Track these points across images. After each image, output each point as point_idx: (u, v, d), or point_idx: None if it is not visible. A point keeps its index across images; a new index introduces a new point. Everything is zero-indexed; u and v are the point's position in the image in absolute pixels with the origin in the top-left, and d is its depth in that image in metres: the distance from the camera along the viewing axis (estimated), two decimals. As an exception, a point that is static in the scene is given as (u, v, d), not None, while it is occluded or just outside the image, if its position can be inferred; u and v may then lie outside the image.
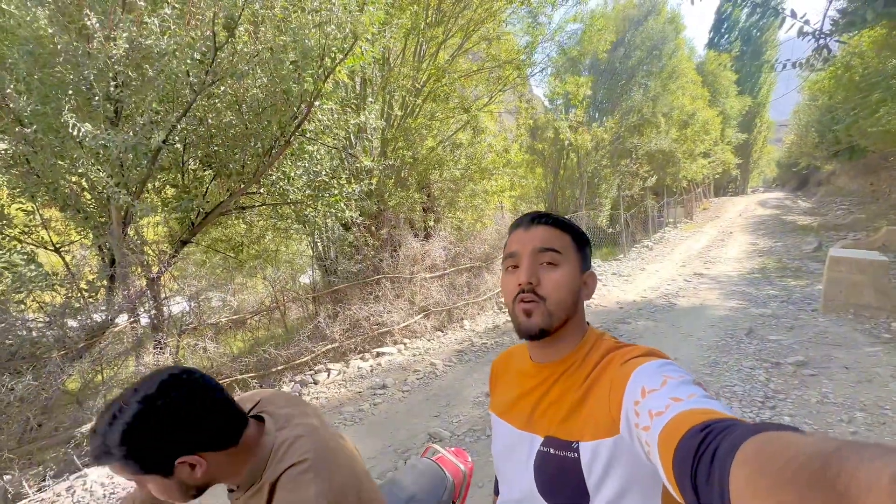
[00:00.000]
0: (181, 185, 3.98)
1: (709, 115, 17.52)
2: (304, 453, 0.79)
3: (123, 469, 0.72)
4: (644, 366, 0.63)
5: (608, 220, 14.75)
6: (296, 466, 0.77)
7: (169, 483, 0.74)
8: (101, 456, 0.71)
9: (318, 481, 0.76)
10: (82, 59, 2.88)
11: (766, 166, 38.48)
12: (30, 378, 2.94)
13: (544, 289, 0.74)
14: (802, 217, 15.30)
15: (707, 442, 0.42)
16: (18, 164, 3.24)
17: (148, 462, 0.72)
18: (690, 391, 0.54)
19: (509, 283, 0.77)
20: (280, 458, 0.79)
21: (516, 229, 0.81)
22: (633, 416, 0.59)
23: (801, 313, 5.30)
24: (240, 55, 3.26)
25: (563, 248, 0.76)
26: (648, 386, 0.59)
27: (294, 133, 3.62)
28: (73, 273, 3.61)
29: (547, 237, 0.76)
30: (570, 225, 0.80)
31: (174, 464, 0.73)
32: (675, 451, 0.46)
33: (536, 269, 0.75)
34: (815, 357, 3.97)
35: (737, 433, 0.39)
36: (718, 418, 0.46)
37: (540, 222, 0.78)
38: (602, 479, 0.66)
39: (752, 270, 8.25)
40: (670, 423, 0.49)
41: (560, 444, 0.70)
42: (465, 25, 6.58)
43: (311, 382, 4.43)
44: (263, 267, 5.47)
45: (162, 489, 0.75)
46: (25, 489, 2.85)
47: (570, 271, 0.75)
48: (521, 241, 0.77)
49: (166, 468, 0.73)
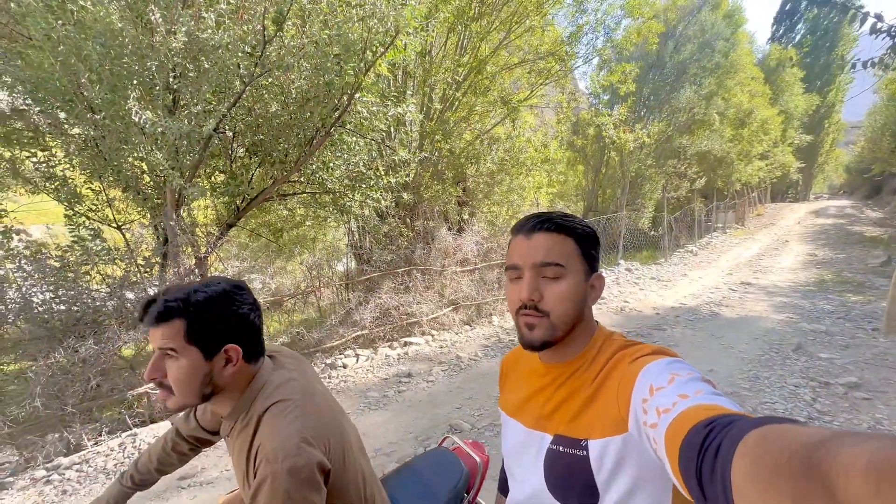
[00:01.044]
0: (229, 172, 4.21)
1: (768, 113, 16.32)
2: (291, 393, 0.86)
3: (174, 334, 0.77)
4: (652, 364, 0.63)
5: (650, 222, 14.16)
6: (282, 402, 0.83)
7: (201, 367, 0.80)
8: (162, 315, 0.77)
9: (302, 418, 0.81)
10: (146, 52, 3.11)
11: (832, 171, 35.41)
12: (91, 342, 3.25)
13: (547, 304, 0.73)
14: (871, 228, 14.02)
15: (711, 437, 0.42)
16: (89, 148, 3.56)
17: (204, 333, 0.79)
18: (698, 388, 0.54)
19: (512, 294, 0.76)
20: (269, 395, 0.85)
21: (517, 235, 0.78)
22: (642, 413, 0.59)
23: (858, 331, 4.90)
24: (287, 48, 3.39)
25: (566, 259, 0.73)
26: (656, 384, 0.59)
27: (334, 124, 3.74)
28: (131, 249, 3.92)
29: (549, 248, 0.73)
30: (573, 227, 0.76)
31: (220, 348, 0.81)
32: (680, 447, 0.46)
33: (538, 283, 0.73)
34: (870, 380, 3.67)
35: (739, 428, 0.40)
36: (723, 414, 0.46)
37: (541, 228, 0.75)
38: (612, 477, 0.66)
39: (808, 283, 7.68)
40: (676, 420, 0.50)
41: (569, 441, 0.71)
42: (508, 19, 6.49)
43: (341, 366, 4.59)
44: (301, 252, 5.70)
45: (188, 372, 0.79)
46: (84, 441, 3.16)
47: (574, 282, 0.74)
48: (521, 252, 0.75)
49: (213, 348, 0.81)
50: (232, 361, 0.83)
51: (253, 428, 0.81)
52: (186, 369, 0.78)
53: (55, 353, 3.13)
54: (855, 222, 15.89)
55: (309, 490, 0.76)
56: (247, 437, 0.81)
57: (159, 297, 0.78)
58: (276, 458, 0.74)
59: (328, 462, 0.81)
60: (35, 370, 3.11)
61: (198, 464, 2.91)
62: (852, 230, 13.90)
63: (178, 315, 0.77)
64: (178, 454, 1.08)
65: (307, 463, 0.76)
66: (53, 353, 3.14)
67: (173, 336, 0.77)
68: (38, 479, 2.80)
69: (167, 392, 0.79)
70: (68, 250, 3.60)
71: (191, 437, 1.07)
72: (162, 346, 0.77)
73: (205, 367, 0.80)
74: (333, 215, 5.37)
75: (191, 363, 0.78)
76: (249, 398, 0.85)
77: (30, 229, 3.80)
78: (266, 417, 0.81)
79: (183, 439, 1.07)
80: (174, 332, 0.77)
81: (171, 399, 0.80)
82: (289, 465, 0.74)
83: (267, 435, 0.78)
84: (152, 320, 0.77)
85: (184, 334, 0.78)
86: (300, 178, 4.32)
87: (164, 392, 0.80)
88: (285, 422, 0.80)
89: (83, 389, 3.27)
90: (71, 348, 3.20)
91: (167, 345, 0.77)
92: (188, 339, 0.78)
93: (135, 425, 3.38)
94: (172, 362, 0.78)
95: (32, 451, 3.03)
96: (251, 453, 0.79)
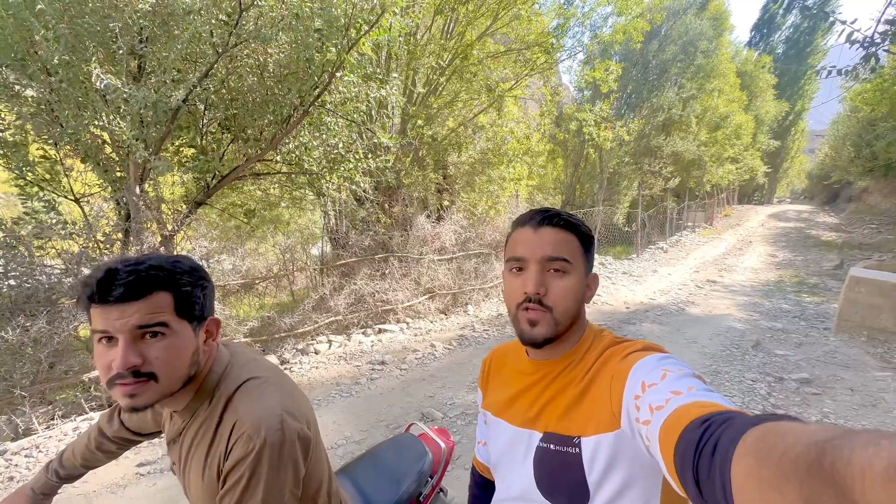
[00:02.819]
0: (199, 147, 4.00)
1: (743, 119, 16.88)
2: (262, 371, 0.81)
3: (161, 307, 0.67)
4: (643, 360, 0.63)
5: (625, 218, 14.50)
6: (255, 380, 0.78)
7: (192, 343, 0.72)
8: (144, 287, 0.66)
9: (279, 393, 0.77)
10: (109, 12, 2.88)
11: (795, 176, 37.14)
12: (44, 322, 3.05)
13: (552, 299, 0.72)
14: (827, 232, 14.82)
15: (708, 435, 0.42)
16: (44, 112, 3.29)
17: (192, 306, 0.72)
18: (690, 384, 0.54)
19: (513, 286, 0.75)
20: (236, 375, 0.79)
21: (523, 227, 0.76)
22: (634, 410, 0.58)
23: (812, 330, 5.19)
24: (265, 19, 3.22)
25: (572, 256, 0.73)
26: (648, 380, 0.58)
27: (313, 103, 3.60)
28: (90, 224, 3.69)
29: (557, 243, 0.72)
30: (578, 225, 0.76)
31: (203, 322, 0.75)
32: (676, 445, 0.46)
33: (544, 277, 0.72)
34: (820, 376, 3.89)
35: (737, 425, 0.39)
36: (719, 411, 0.45)
37: (550, 223, 0.74)
38: (604, 475, 0.66)
39: (768, 283, 8.07)
40: (671, 418, 0.49)
41: (560, 439, 0.70)
42: (495, 5, 6.39)
43: (313, 352, 4.52)
44: (275, 234, 5.53)
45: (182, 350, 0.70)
46: (35, 426, 2.99)
47: (578, 279, 0.73)
48: (529, 245, 0.73)
49: (199, 322, 0.74)
50: (213, 336, 0.77)
51: (220, 411, 0.75)
52: (179, 347, 0.69)
53: (2, 332, 2.93)
54: (812, 227, 16.77)
55: (293, 464, 0.72)
56: (212, 423, 0.74)
57: (119, 268, 0.66)
58: (257, 432, 0.69)
59: (310, 434, 0.77)
60: (-21, 349, 2.91)
61: (158, 450, 2.81)
62: (810, 234, 14.67)
63: (162, 286, 0.67)
64: (103, 453, 1.00)
65: (291, 436, 0.72)
66: (1, 332, 2.93)
67: (161, 310, 0.67)
68: (-17, 465, 2.64)
69: (142, 383, 0.66)
70: (19, 223, 3.35)
71: (116, 438, 0.99)
72: (144, 324, 0.65)
73: (194, 343, 0.72)
74: (309, 197, 5.22)
75: (183, 340, 0.70)
76: (213, 381, 0.78)
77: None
78: (238, 396, 0.75)
79: (108, 440, 0.99)
80: (162, 306, 0.67)
81: (146, 391, 0.67)
82: (273, 439, 0.70)
83: (244, 411, 0.72)
84: (126, 294, 0.64)
85: (173, 307, 0.69)
86: (276, 157, 4.15)
87: (137, 384, 0.66)
88: (263, 395, 0.75)
89: (34, 371, 3.09)
90: (21, 327, 3.00)
91: (153, 320, 0.66)
92: (178, 312, 0.69)
93: (91, 409, 3.23)
94: (158, 342, 0.67)
95: (-24, 434, 2.85)
96: (220, 436, 0.73)
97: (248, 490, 0.68)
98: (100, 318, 0.65)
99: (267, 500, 0.69)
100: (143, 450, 2.83)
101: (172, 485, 2.48)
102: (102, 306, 0.65)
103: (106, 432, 0.99)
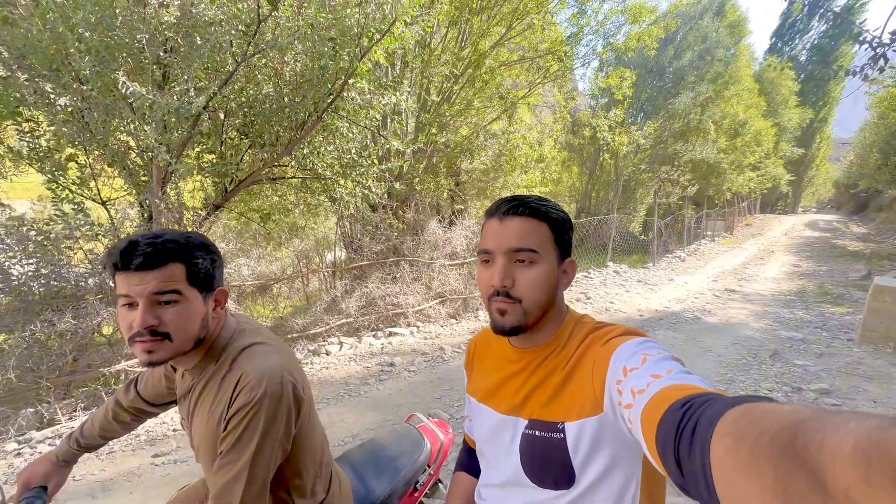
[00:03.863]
0: (219, 152, 4.16)
1: (762, 125, 16.52)
2: (267, 338, 0.89)
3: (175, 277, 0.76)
4: (624, 345, 0.64)
5: (641, 226, 14.30)
6: (260, 344, 0.86)
7: (202, 309, 0.80)
8: (160, 257, 0.74)
9: (280, 355, 0.85)
10: (137, 24, 3.05)
11: (821, 185, 36.00)
12: (69, 317, 3.20)
13: (519, 290, 0.72)
14: (854, 242, 14.29)
15: (687, 417, 0.43)
16: (75, 120, 3.49)
17: (202, 276, 0.80)
18: (669, 367, 0.56)
19: (483, 278, 0.75)
20: (243, 339, 0.87)
21: (490, 219, 0.76)
22: (616, 394, 0.60)
23: (834, 341, 5.01)
24: (282, 29, 3.35)
25: (539, 245, 0.72)
26: (629, 365, 0.60)
27: (326, 109, 3.71)
28: (115, 226, 3.87)
29: (523, 233, 0.72)
30: (547, 211, 0.74)
31: (212, 291, 0.83)
32: (658, 427, 0.47)
33: (511, 269, 0.72)
34: (841, 387, 3.76)
35: (715, 407, 0.40)
36: (698, 393, 0.46)
37: (515, 213, 0.73)
38: (588, 458, 0.67)
39: (789, 292, 7.83)
40: (652, 401, 0.51)
41: (545, 425, 0.72)
42: (509, 14, 6.48)
43: (324, 353, 4.59)
44: (290, 238, 5.67)
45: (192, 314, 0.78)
46: (59, 416, 3.13)
47: (547, 269, 0.73)
48: (495, 237, 0.74)
49: (208, 290, 0.82)
50: (220, 305, 0.86)
51: (227, 367, 0.83)
52: (190, 312, 0.78)
53: (31, 326, 3.09)
54: (840, 236, 16.21)
55: (287, 418, 0.80)
56: (217, 379, 0.83)
57: (139, 240, 0.75)
58: (259, 384, 0.77)
59: (303, 395, 0.85)
60: (10, 342, 3.06)
61: (173, 442, 2.90)
62: (836, 244, 14.17)
63: (176, 258, 0.76)
64: (119, 423, 1.08)
65: (288, 391, 0.80)
66: (30, 326, 3.09)
67: (174, 279, 0.76)
68: (9, 452, 2.77)
69: (158, 341, 0.75)
70: (50, 224, 3.54)
71: (131, 408, 1.07)
72: (160, 290, 0.74)
73: (204, 309, 0.81)
74: (325, 203, 5.34)
75: (194, 306, 0.79)
76: (221, 344, 0.87)
77: (15, 204, 3.74)
78: (243, 356, 0.84)
79: (124, 409, 1.07)
80: (175, 275, 0.76)
81: (161, 349, 0.76)
82: (273, 391, 0.77)
83: (249, 367, 0.80)
84: (145, 264, 0.73)
85: (185, 277, 0.77)
86: (291, 161, 4.28)
87: (154, 342, 0.75)
88: (266, 355, 0.84)
89: (59, 364, 3.23)
90: (48, 322, 3.16)
91: (168, 287, 0.75)
92: (190, 281, 0.78)
93: (111, 402, 3.35)
94: (172, 307, 0.76)
95: (5, 423, 2.99)
96: (224, 389, 0.81)
97: (244, 434, 0.76)
98: (123, 284, 0.75)
99: (261, 445, 0.76)
100: (159, 441, 2.92)
101: (185, 474, 2.56)
102: (125, 273, 0.74)
103: (122, 403, 1.07)
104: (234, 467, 0.75)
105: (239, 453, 0.76)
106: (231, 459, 0.76)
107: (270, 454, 0.78)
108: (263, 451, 0.76)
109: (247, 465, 0.75)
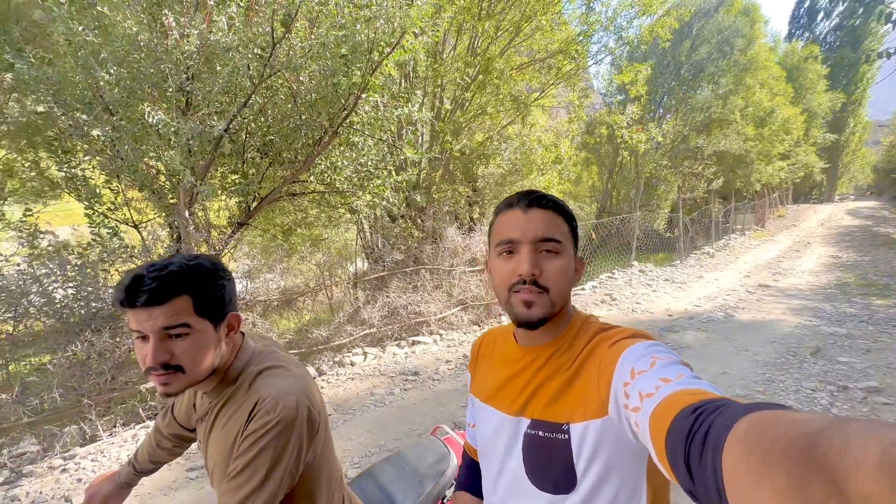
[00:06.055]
0: (241, 172, 4.31)
1: (790, 112, 15.87)
2: (280, 361, 0.89)
3: (182, 310, 0.75)
4: (632, 347, 0.63)
5: (666, 223, 13.91)
6: (277, 368, 0.87)
7: (213, 338, 0.80)
8: (166, 293, 0.73)
9: (296, 379, 0.85)
10: (161, 55, 3.21)
11: (859, 171, 34.18)
12: (107, 336, 3.35)
13: (547, 279, 0.71)
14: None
15: (699, 423, 0.42)
16: (107, 149, 3.68)
17: (211, 305, 0.79)
18: (679, 371, 0.54)
19: (504, 270, 0.74)
20: (259, 362, 0.88)
21: (511, 210, 0.76)
22: (623, 397, 0.58)
23: (882, 335, 4.72)
24: (295, 50, 3.46)
25: (563, 236, 0.73)
26: (638, 367, 0.59)
27: (341, 124, 3.79)
28: (147, 248, 4.04)
29: (548, 224, 0.73)
30: (564, 207, 0.77)
31: (224, 317, 0.83)
32: (667, 432, 0.46)
33: (538, 258, 0.72)
34: (892, 384, 3.53)
35: (728, 413, 0.39)
36: (709, 399, 0.45)
37: (539, 205, 0.74)
38: (591, 460, 0.66)
39: (829, 285, 7.43)
40: (661, 405, 0.49)
41: (549, 426, 0.70)
42: (517, 19, 6.48)
43: (349, 363, 4.63)
44: (312, 252, 5.78)
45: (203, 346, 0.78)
46: (100, 432, 3.26)
47: (569, 260, 0.74)
48: (519, 226, 0.73)
49: (219, 318, 0.82)
50: (234, 329, 0.86)
51: (244, 391, 0.83)
52: (201, 344, 0.77)
53: (73, 346, 3.25)
54: (882, 223, 15.32)
55: (299, 443, 0.79)
56: (235, 401, 0.83)
57: (144, 275, 0.74)
58: (274, 408, 0.77)
59: (318, 419, 0.85)
60: (54, 363, 3.23)
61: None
62: (878, 231, 13.40)
63: (183, 291, 0.75)
64: (163, 450, 1.10)
65: (302, 416, 0.80)
66: (71, 346, 3.25)
67: (182, 312, 0.75)
68: (56, 468, 2.90)
69: (171, 374, 0.76)
70: (88, 248, 3.73)
71: (171, 435, 1.08)
72: (169, 325, 0.74)
73: (216, 337, 0.81)
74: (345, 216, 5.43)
75: (205, 337, 0.78)
76: (238, 367, 0.87)
77: (57, 230, 3.96)
78: (260, 379, 0.84)
79: (164, 436, 1.09)
80: (182, 309, 0.75)
81: (175, 381, 0.76)
82: (288, 416, 0.77)
83: (265, 390, 0.80)
84: (151, 300, 0.73)
85: (193, 309, 0.76)
86: (309, 177, 4.39)
87: (167, 375, 0.75)
88: (283, 379, 0.84)
89: (99, 382, 3.38)
90: (87, 342, 3.31)
91: (176, 322, 0.74)
92: (198, 312, 0.77)
93: (148, 417, 3.47)
94: (182, 340, 0.76)
95: (51, 441, 3.14)
96: (241, 411, 0.81)
97: (256, 458, 0.76)
98: (132, 319, 0.75)
99: (271, 470, 0.76)
100: (193, 455, 3.01)
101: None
102: (133, 309, 0.74)
103: (162, 430, 1.09)
104: (243, 490, 0.75)
105: (249, 476, 0.75)
106: (239, 483, 0.75)
107: (280, 479, 0.77)
108: (273, 475, 0.76)
109: (256, 489, 0.74)
